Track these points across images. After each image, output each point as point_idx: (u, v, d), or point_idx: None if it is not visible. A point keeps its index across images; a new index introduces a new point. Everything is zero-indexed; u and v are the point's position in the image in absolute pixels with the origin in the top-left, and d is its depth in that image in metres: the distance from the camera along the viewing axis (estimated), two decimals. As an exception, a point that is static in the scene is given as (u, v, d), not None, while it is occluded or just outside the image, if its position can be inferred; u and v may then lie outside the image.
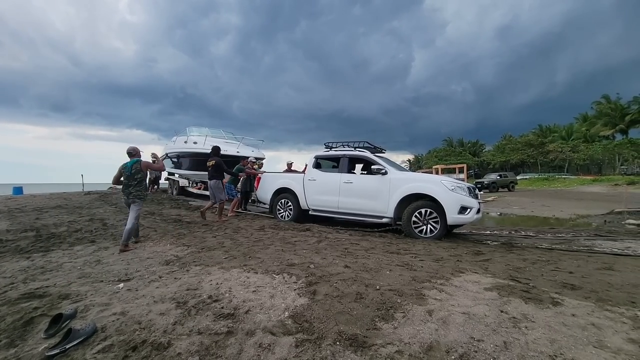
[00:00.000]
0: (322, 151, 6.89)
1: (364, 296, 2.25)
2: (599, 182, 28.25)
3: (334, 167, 6.93)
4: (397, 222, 5.55)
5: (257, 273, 2.81)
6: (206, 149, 10.21)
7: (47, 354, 1.64)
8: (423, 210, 5.18)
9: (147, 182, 13.02)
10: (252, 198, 8.95)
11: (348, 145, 6.68)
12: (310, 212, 6.64)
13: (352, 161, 6.53)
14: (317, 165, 6.85)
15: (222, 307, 2.10)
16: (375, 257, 3.51)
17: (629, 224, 7.90)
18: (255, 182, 8.10)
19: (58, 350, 1.65)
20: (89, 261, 3.41)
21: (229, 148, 10.60)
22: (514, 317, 1.95)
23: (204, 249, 3.83)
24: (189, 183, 12.29)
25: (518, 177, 34.21)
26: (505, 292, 2.38)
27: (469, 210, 5.05)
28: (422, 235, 5.14)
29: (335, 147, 6.80)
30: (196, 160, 11.25)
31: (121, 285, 2.60)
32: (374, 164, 5.87)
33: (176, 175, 13.21)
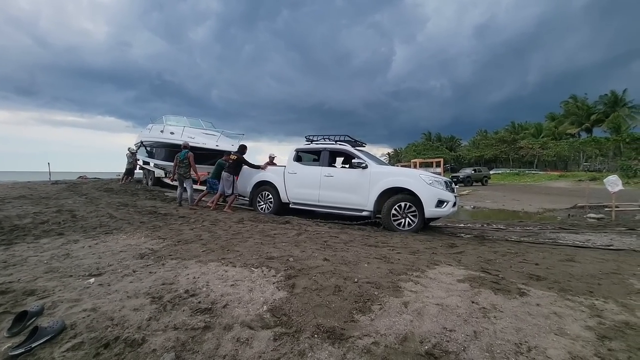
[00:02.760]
0: (302, 144, 6.87)
1: (342, 289, 2.28)
2: (564, 178, 29.88)
3: (314, 160, 6.94)
4: (377, 216, 5.64)
5: (235, 267, 2.79)
6: (182, 141, 9.86)
7: (10, 353, 1.56)
8: (402, 204, 5.28)
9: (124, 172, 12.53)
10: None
11: (329, 139, 6.69)
12: (290, 206, 6.63)
13: (333, 155, 6.56)
14: (298, 158, 6.83)
15: (199, 302, 2.07)
16: (354, 250, 3.56)
17: (590, 217, 8.44)
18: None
19: (23, 350, 1.57)
20: (57, 255, 3.25)
21: (207, 141, 10.25)
22: (484, 308, 2.05)
23: (181, 242, 3.75)
24: (165, 174, 11.82)
25: (491, 172, 35.57)
26: (477, 284, 2.48)
27: (445, 203, 5.20)
28: (401, 229, 5.26)
29: (317, 141, 6.79)
30: (172, 152, 10.74)
31: (92, 280, 2.50)
32: (354, 158, 5.91)
33: (151, 165, 12.74)
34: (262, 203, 7.02)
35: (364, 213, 5.71)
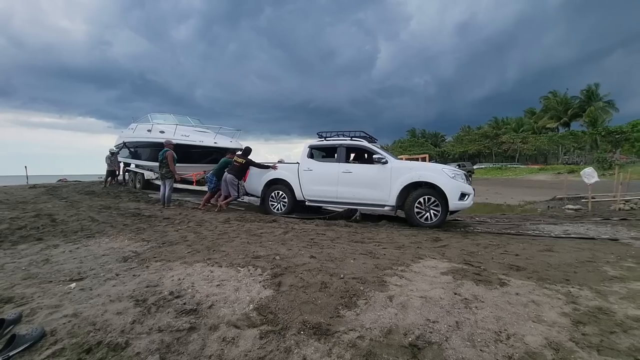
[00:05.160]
0: (315, 141, 6.71)
1: (328, 285, 2.30)
2: (544, 171, 30.83)
3: (323, 156, 6.82)
4: (398, 210, 5.69)
5: (221, 267, 2.77)
6: (176, 139, 9.32)
7: (-13, 363, 1.52)
8: (425, 198, 5.34)
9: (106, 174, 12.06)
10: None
11: (343, 135, 6.60)
12: (306, 203, 6.48)
13: (349, 151, 6.46)
14: (311, 155, 6.67)
15: (185, 303, 2.05)
16: (340, 246, 3.59)
17: (568, 208, 8.74)
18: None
19: (1, 358, 1.53)
20: (36, 260, 3.16)
21: (204, 138, 9.81)
22: (466, 299, 2.11)
23: (165, 244, 3.70)
24: (155, 175, 11.19)
25: (475, 167, 36.37)
26: (459, 276, 2.55)
27: (467, 196, 5.32)
28: (425, 222, 5.32)
29: (330, 137, 6.66)
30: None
31: (73, 285, 2.44)
32: (375, 154, 5.88)
33: (132, 166, 12.31)
34: (276, 203, 6.78)
35: (386, 208, 5.70)
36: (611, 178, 13.09)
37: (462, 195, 5.26)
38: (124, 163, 12.81)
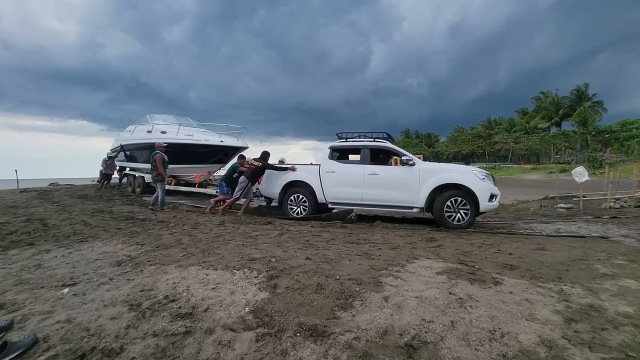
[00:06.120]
0: (336, 142, 6.58)
1: (324, 287, 2.31)
2: (536, 170, 31.21)
3: (338, 157, 6.64)
4: (427, 212, 5.68)
5: (216, 270, 2.76)
6: (180, 139, 9.15)
7: (-22, 371, 1.49)
8: (454, 200, 5.35)
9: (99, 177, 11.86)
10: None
11: (365, 136, 6.52)
12: (329, 206, 6.36)
13: (374, 152, 6.31)
14: (332, 156, 6.53)
15: (180, 307, 2.04)
16: (335, 247, 3.59)
17: (560, 207, 8.85)
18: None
19: (-8, 366, 1.51)
20: (27, 266, 3.11)
21: (210, 137, 9.46)
22: (460, 298, 2.13)
23: (160, 247, 3.67)
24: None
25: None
26: (454, 275, 2.57)
27: (495, 197, 5.38)
28: (454, 223, 5.34)
29: (351, 138, 6.54)
30: (166, 153, 10.03)
31: (66, 290, 2.41)
32: (403, 155, 5.83)
33: (127, 169, 12.05)
34: (295, 206, 6.53)
35: (414, 210, 5.68)
36: (602, 177, 13.29)
37: (491, 197, 5.32)
38: (120, 167, 12.47)
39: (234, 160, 9.86)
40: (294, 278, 2.49)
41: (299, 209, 6.48)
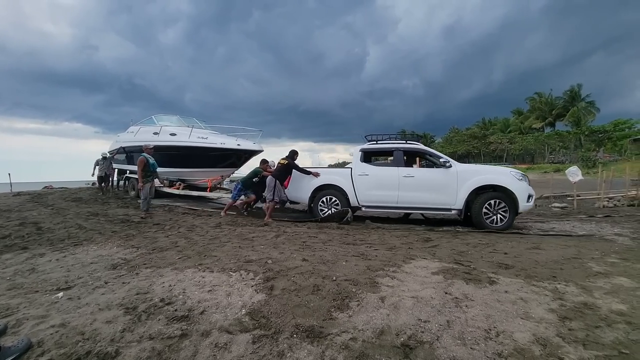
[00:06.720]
0: (366, 144, 6.50)
1: (320, 288, 2.31)
2: (531, 170, 31.43)
3: (364, 160, 6.48)
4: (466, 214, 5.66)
5: (213, 272, 2.75)
6: (192, 142, 8.84)
7: (-29, 376, 1.48)
8: (493, 201, 5.35)
9: (97, 180, 11.53)
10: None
11: (396, 138, 6.50)
12: (363, 209, 6.25)
13: (407, 154, 6.29)
14: (364, 159, 6.42)
15: (176, 310, 2.03)
16: (332, 249, 3.60)
17: (555, 207, 8.92)
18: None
19: (-15, 372, 1.49)
20: (21, 270, 3.08)
21: (226, 140, 9.09)
22: (456, 298, 2.14)
23: (156, 250, 3.65)
24: (162, 182, 10.06)
25: (464, 167, 36.80)
26: (450, 275, 2.59)
27: (531, 197, 5.40)
28: (494, 226, 5.32)
29: (381, 140, 6.48)
30: (174, 156, 9.31)
31: (60, 294, 2.39)
32: (440, 157, 5.81)
33: (128, 172, 11.73)
34: (326, 208, 6.36)
35: (452, 212, 5.65)
36: (595, 176, 13.42)
37: (529, 197, 5.34)
38: (119, 170, 12.09)
39: (249, 163, 9.51)
40: (290, 279, 2.49)
41: (330, 211, 6.33)
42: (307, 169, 6.64)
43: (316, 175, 6.50)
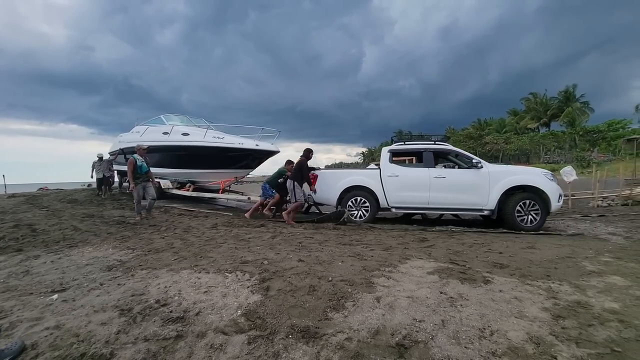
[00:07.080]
0: (395, 145, 6.48)
1: (316, 288, 2.31)
2: (527, 170, 31.64)
3: (392, 161, 6.42)
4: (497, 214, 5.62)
5: (208, 273, 2.74)
6: (208, 142, 8.66)
7: (-36, 380, 1.47)
8: (525, 202, 5.36)
9: (97, 181, 11.25)
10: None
11: (422, 137, 6.51)
12: (393, 210, 6.21)
13: (436, 155, 6.29)
14: (392, 160, 6.36)
15: (171, 311, 2.03)
16: (328, 249, 3.60)
17: (550, 206, 8.97)
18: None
19: (-22, 375, 1.48)
20: (15, 272, 3.05)
21: (244, 141, 8.89)
22: (451, 297, 2.15)
23: (151, 252, 3.63)
24: (172, 184, 9.92)
25: (461, 167, 36.95)
26: (445, 275, 2.60)
27: (561, 197, 5.46)
28: (526, 226, 5.32)
29: (410, 141, 6.48)
30: (183, 156, 9.12)
31: (55, 296, 2.38)
32: (472, 158, 5.81)
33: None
34: (355, 210, 6.30)
35: (485, 212, 5.65)
36: (589, 176, 13.54)
37: (560, 197, 5.39)
38: (121, 171, 11.64)
39: (265, 163, 9.43)
40: (286, 280, 2.49)
41: (359, 212, 6.29)
42: (310, 172, 6.50)
43: (314, 177, 6.46)
